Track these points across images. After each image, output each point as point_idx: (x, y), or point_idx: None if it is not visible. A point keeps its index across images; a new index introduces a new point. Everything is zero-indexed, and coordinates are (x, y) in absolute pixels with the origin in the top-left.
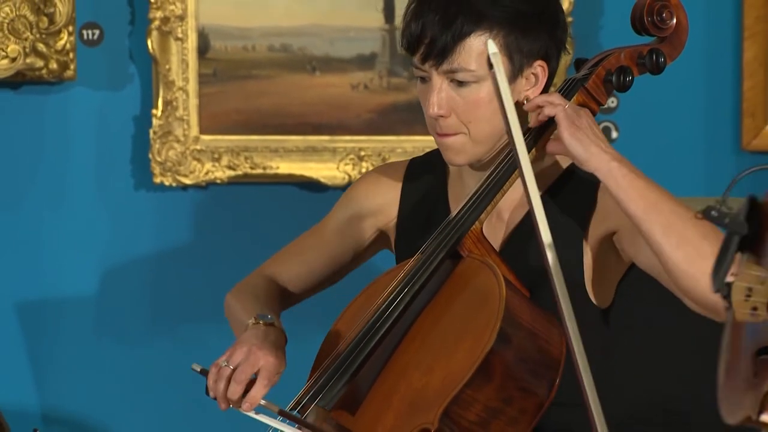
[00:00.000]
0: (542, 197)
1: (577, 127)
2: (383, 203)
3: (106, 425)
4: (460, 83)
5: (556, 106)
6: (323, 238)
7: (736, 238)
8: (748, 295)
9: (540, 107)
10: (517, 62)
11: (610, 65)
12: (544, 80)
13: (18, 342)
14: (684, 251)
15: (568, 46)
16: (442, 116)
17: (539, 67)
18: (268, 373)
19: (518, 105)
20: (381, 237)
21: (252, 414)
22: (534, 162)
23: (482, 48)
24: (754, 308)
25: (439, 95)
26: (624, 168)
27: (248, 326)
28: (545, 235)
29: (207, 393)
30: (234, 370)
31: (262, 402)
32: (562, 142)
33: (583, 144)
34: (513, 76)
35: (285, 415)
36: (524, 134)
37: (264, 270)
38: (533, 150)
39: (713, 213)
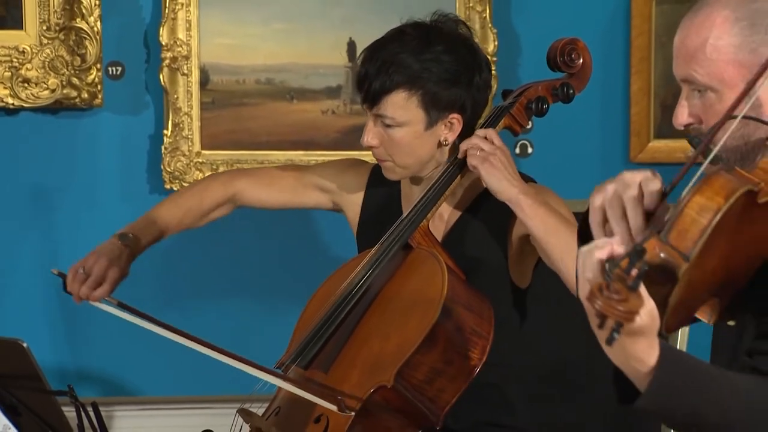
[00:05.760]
0: (471, 205)
1: (491, 166)
2: (347, 189)
3: (128, 380)
4: (386, 125)
5: (474, 156)
6: (290, 183)
7: None
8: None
9: (465, 151)
10: (434, 116)
11: (530, 95)
12: (460, 127)
13: (57, 314)
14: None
15: (493, 83)
16: (372, 147)
17: (454, 119)
18: (112, 283)
19: (440, 145)
20: (334, 209)
21: (96, 304)
22: (462, 180)
23: (402, 102)
24: None
25: (371, 131)
26: (529, 199)
27: (112, 237)
28: None
29: (65, 289)
30: (87, 277)
31: (110, 307)
32: (481, 177)
33: (496, 179)
34: (430, 125)
35: (123, 306)
36: (452, 164)
37: (233, 179)
38: (459, 176)
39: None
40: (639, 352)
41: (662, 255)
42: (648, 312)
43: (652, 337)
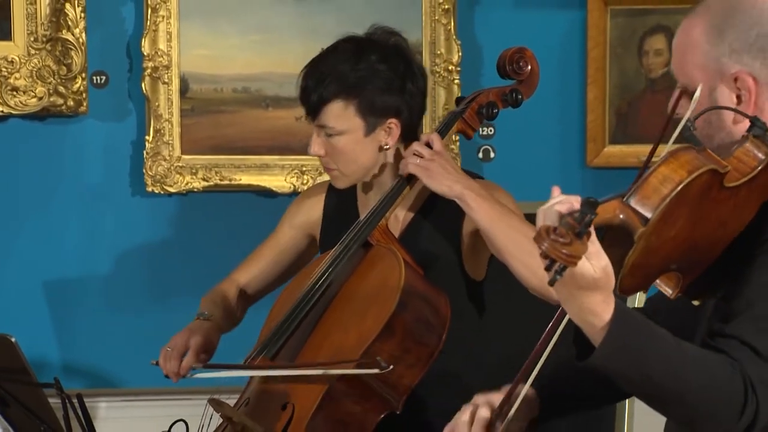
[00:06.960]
0: (423, 205)
1: (430, 172)
2: (311, 214)
3: (112, 374)
4: (328, 134)
5: (407, 165)
6: (273, 249)
7: None
8: None
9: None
10: (372, 122)
11: (481, 101)
12: (398, 131)
13: (44, 310)
14: (519, 256)
15: (457, 91)
16: (319, 156)
17: (392, 124)
18: (195, 348)
19: (381, 149)
20: (314, 241)
21: (197, 375)
22: (413, 186)
23: (340, 111)
24: None
25: (316, 141)
26: (473, 194)
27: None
28: None
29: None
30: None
31: (202, 373)
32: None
33: (438, 182)
34: (369, 131)
35: (212, 366)
36: (398, 180)
37: (232, 276)
38: (407, 187)
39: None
40: (593, 305)
41: (621, 216)
42: (602, 267)
43: (607, 293)
